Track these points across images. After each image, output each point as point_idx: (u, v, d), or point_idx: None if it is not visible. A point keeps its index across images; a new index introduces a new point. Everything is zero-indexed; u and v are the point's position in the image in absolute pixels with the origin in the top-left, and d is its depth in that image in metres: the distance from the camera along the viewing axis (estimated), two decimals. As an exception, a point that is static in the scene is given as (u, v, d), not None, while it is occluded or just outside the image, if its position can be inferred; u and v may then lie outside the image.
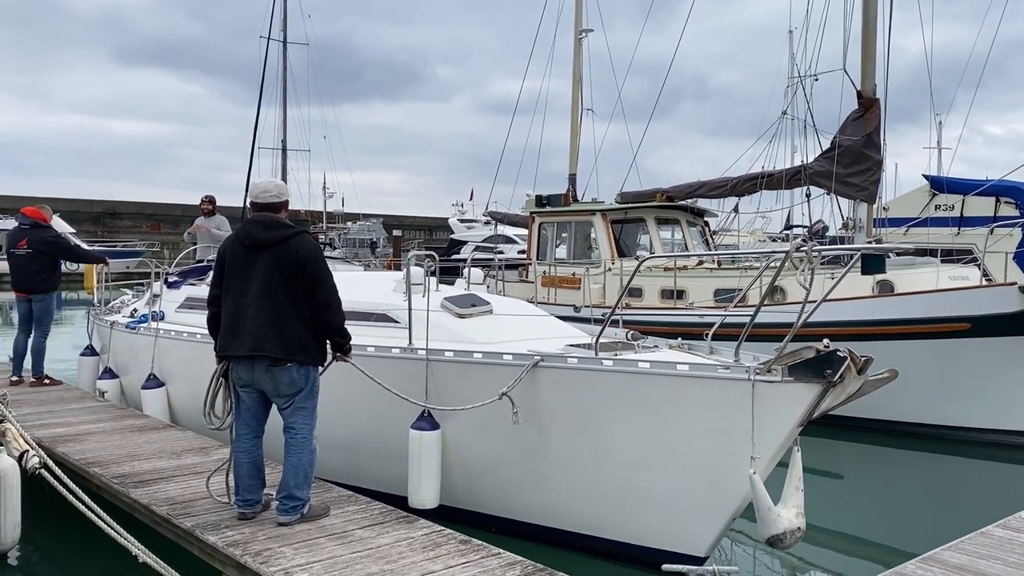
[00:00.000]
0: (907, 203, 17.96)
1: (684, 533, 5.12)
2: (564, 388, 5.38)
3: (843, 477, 8.93)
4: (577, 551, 5.56)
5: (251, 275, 4.76)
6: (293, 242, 4.77)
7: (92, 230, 48.41)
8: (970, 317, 9.12)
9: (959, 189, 16.51)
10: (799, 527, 4.57)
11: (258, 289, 4.73)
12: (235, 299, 4.80)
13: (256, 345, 4.69)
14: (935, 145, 31.63)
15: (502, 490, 5.84)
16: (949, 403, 9.56)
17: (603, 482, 5.35)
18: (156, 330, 8.35)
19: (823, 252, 9.61)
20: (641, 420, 5.12)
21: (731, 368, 4.77)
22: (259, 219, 4.89)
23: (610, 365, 5.20)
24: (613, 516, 5.37)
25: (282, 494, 4.86)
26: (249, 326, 4.72)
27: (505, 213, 21.96)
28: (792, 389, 4.55)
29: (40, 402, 8.42)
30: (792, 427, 4.64)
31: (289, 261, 4.72)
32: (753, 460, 4.59)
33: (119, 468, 5.95)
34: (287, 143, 41.81)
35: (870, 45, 12.06)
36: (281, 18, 40.66)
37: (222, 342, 4.85)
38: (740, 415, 4.65)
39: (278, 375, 4.75)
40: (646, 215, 14.45)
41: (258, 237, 4.79)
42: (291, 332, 4.72)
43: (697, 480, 4.98)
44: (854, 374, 4.48)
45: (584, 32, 17.71)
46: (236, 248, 4.86)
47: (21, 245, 9.20)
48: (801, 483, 4.66)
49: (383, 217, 55.54)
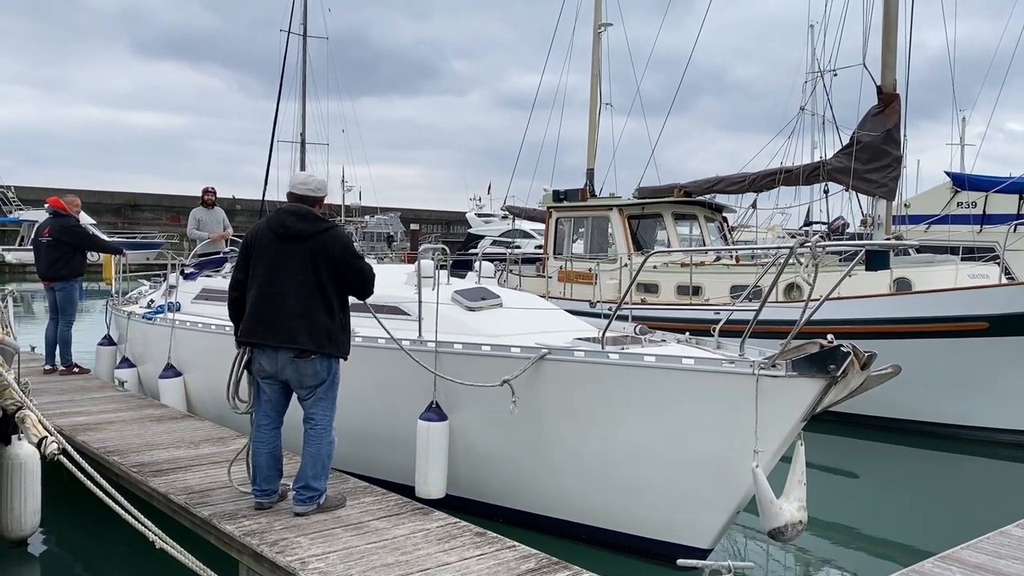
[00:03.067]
0: (929, 200, 17.79)
1: (689, 525, 5.16)
2: (571, 381, 5.43)
3: (859, 476, 8.88)
4: (583, 542, 5.60)
5: (282, 265, 4.76)
6: (328, 235, 4.79)
7: (113, 222, 48.85)
8: (988, 316, 9.03)
9: (981, 186, 16.32)
10: (801, 520, 4.60)
11: (290, 280, 4.73)
12: (262, 286, 4.79)
13: (288, 337, 4.71)
14: (958, 142, 31.21)
15: (509, 481, 5.91)
16: (966, 402, 9.48)
17: (609, 474, 5.40)
18: (173, 321, 8.44)
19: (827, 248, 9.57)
20: (647, 413, 5.17)
21: (736, 362, 4.81)
22: (294, 209, 4.88)
23: (616, 358, 5.25)
24: (619, 508, 5.43)
25: (299, 484, 4.88)
26: (280, 317, 4.72)
27: (523, 208, 21.92)
28: (796, 384, 4.57)
29: (61, 391, 8.51)
30: (796, 421, 4.66)
31: (324, 255, 4.74)
32: (756, 454, 4.63)
33: (138, 457, 6.01)
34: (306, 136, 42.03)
35: (891, 39, 11.95)
36: (302, 11, 40.89)
37: (246, 327, 4.84)
38: (744, 409, 4.69)
39: (303, 366, 4.76)
40: (663, 210, 14.40)
41: (292, 227, 4.79)
42: (321, 325, 4.75)
43: (702, 473, 5.02)
44: (857, 369, 4.50)
45: (603, 26, 17.64)
46: (267, 235, 4.84)
47: (45, 234, 9.39)
48: (804, 477, 4.68)
49: (401, 211, 55.62)
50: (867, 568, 6.10)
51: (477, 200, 51.85)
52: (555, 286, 14.63)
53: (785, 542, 4.71)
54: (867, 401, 9.49)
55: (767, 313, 4.92)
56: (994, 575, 4.04)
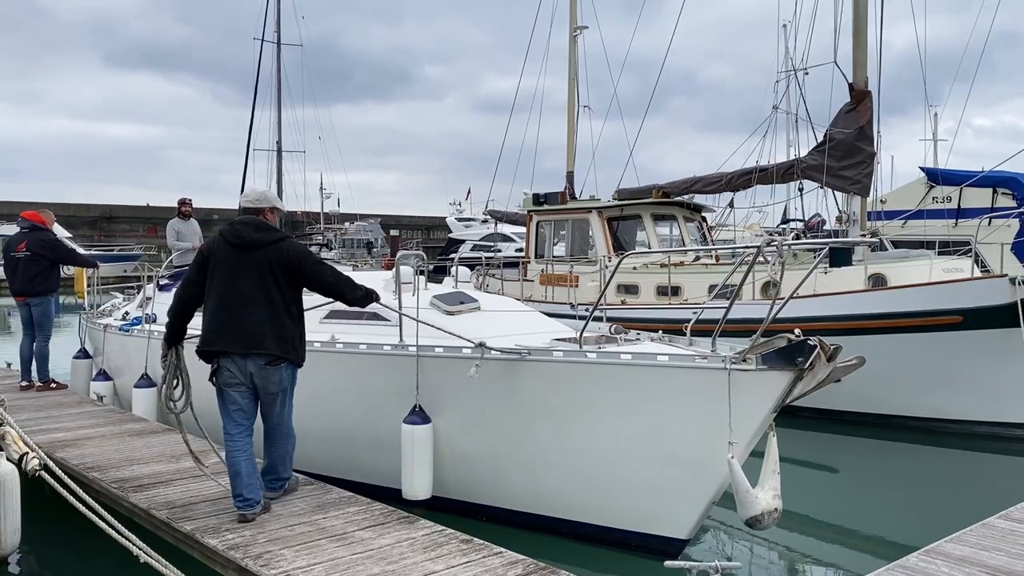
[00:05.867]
0: (904, 196, 17.99)
1: (667, 516, 5.28)
2: (549, 380, 5.56)
3: (839, 471, 8.95)
4: (565, 537, 5.69)
5: (241, 274, 4.87)
6: (283, 244, 4.98)
7: (89, 234, 48.32)
8: (962, 310, 9.11)
9: (955, 180, 16.53)
10: (776, 508, 4.74)
11: (250, 289, 4.85)
12: (222, 296, 4.88)
13: (253, 343, 4.83)
14: (930, 137, 31.61)
15: (492, 480, 6.00)
16: (943, 396, 9.56)
17: (588, 469, 5.51)
18: (149, 332, 8.39)
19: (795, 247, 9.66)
20: (623, 409, 5.30)
21: (708, 358, 4.99)
22: (249, 221, 5.04)
23: (593, 357, 5.40)
24: (598, 502, 5.53)
25: (270, 476, 5.25)
26: (244, 325, 4.83)
27: (505, 212, 21.95)
28: (766, 377, 4.75)
29: (38, 407, 8.40)
30: (767, 412, 4.83)
31: (281, 262, 4.90)
32: (731, 445, 4.77)
33: (118, 473, 5.95)
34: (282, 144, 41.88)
35: (861, 37, 12.08)
36: (275, 19, 40.78)
37: (208, 336, 4.91)
38: (717, 402, 4.84)
39: (271, 373, 4.91)
40: (643, 212, 14.46)
41: (248, 237, 4.94)
42: (286, 332, 4.93)
43: (678, 465, 5.15)
44: (824, 361, 4.68)
45: (579, 30, 17.72)
46: (224, 247, 4.96)
47: (20, 248, 9.21)
48: (777, 466, 4.83)
49: (381, 217, 55.50)
50: (851, 564, 6.15)
51: (457, 205, 51.80)
52: (537, 289, 14.65)
53: (761, 529, 4.86)
54: (844, 396, 9.63)
55: (743, 311, 5.04)
56: (979, 567, 4.07)
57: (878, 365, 9.38)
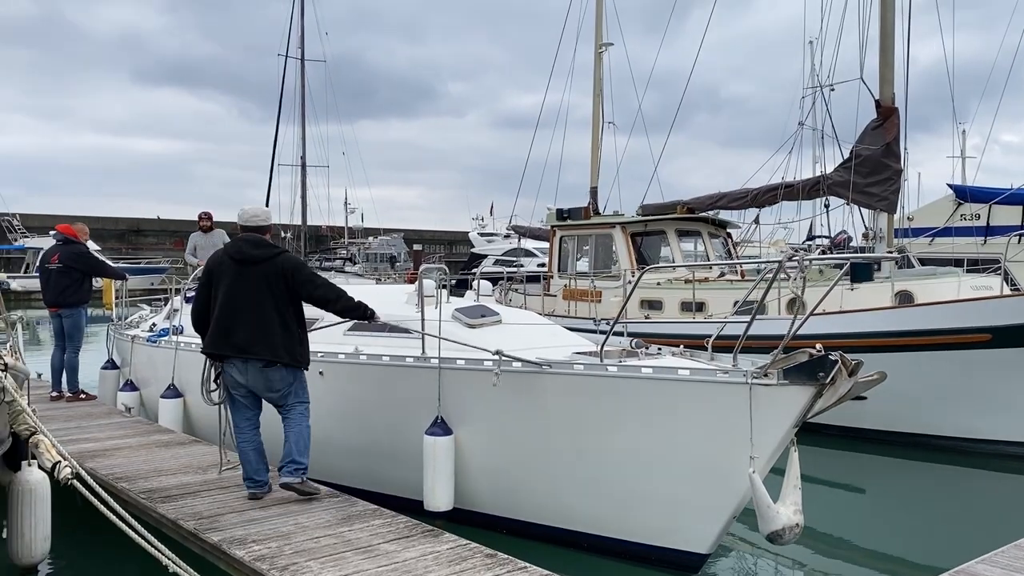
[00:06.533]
0: (932, 213, 17.82)
1: (688, 531, 5.26)
2: (570, 393, 5.57)
3: (865, 490, 8.84)
4: (585, 550, 5.68)
5: (240, 286, 5.45)
6: (278, 259, 5.52)
7: (117, 247, 49.00)
8: (991, 328, 9.00)
9: (983, 197, 16.38)
10: (797, 524, 4.73)
11: (246, 299, 5.42)
12: (223, 306, 5.47)
13: (246, 348, 5.41)
14: (958, 154, 31.26)
15: (512, 492, 6.01)
16: (971, 415, 9.43)
17: (609, 483, 5.51)
18: (176, 343, 8.50)
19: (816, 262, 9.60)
20: (644, 423, 5.30)
21: (729, 372, 4.97)
22: (249, 238, 5.66)
23: (614, 371, 5.41)
24: (619, 515, 5.52)
25: (287, 460, 5.52)
26: (240, 332, 5.41)
27: (528, 227, 21.99)
28: (787, 391, 4.74)
29: (68, 417, 8.52)
30: (788, 427, 4.81)
31: (275, 275, 5.45)
32: (752, 460, 4.77)
33: (146, 483, 6.02)
34: (306, 159, 42.21)
35: (888, 53, 12.03)
36: (299, 36, 41.21)
37: (211, 342, 5.57)
38: (739, 417, 4.83)
39: (270, 374, 5.48)
40: (667, 227, 14.44)
41: (248, 253, 5.53)
42: (277, 339, 5.43)
43: (698, 479, 5.14)
44: (845, 376, 4.67)
45: (604, 46, 17.77)
46: (226, 261, 5.57)
47: (53, 260, 9.39)
48: (799, 481, 4.81)
49: (403, 232, 55.76)
50: (879, 584, 6.08)
51: (480, 219, 51.93)
52: (559, 304, 14.66)
53: (782, 545, 4.85)
54: (871, 414, 9.54)
55: (768, 327, 5.03)
56: (1007, 589, 4.03)
57: (905, 383, 9.33)
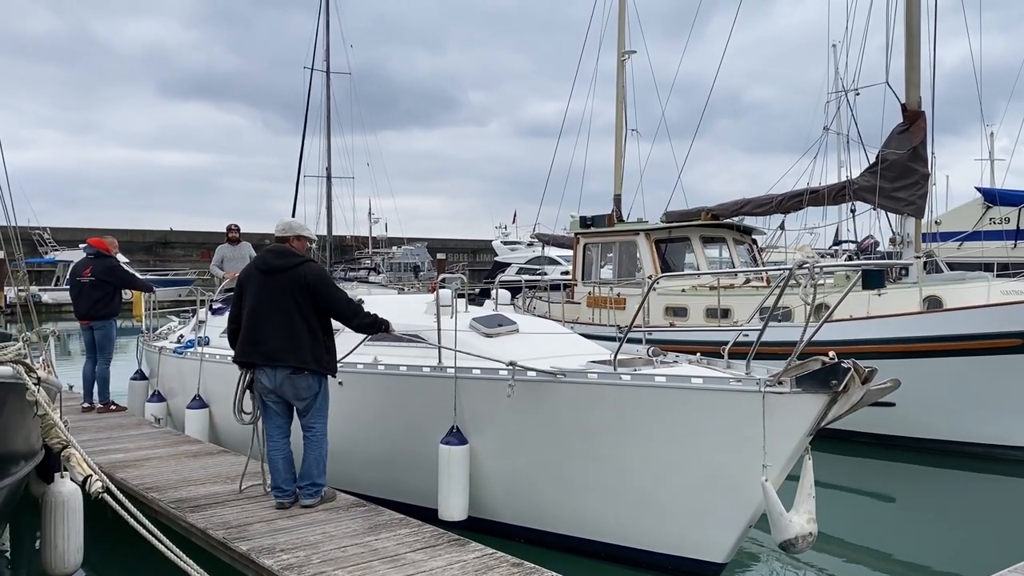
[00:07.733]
0: (960, 217, 17.62)
1: (704, 540, 5.26)
2: (584, 402, 5.58)
3: (895, 499, 8.73)
4: (601, 559, 5.68)
5: (266, 296, 5.60)
6: (301, 269, 5.64)
7: (145, 259, 49.63)
8: (1021, 332, 8.88)
9: (1013, 201, 16.16)
10: (811, 532, 4.69)
11: (272, 308, 5.56)
12: (252, 314, 5.64)
13: (273, 356, 5.53)
14: (986, 157, 30.85)
15: (528, 501, 6.02)
16: (1002, 422, 9.28)
17: (624, 492, 5.51)
18: (201, 354, 8.59)
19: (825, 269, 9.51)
20: (658, 431, 5.30)
21: (743, 380, 4.95)
22: (275, 248, 5.84)
23: (628, 380, 5.41)
24: (634, 524, 5.53)
25: (306, 482, 5.70)
26: (267, 340, 5.55)
27: (552, 235, 21.99)
28: (800, 399, 4.73)
29: (99, 428, 8.64)
30: (802, 435, 4.79)
31: (298, 284, 5.56)
32: (765, 468, 4.75)
33: (176, 493, 6.09)
34: (332, 171, 42.59)
35: (914, 56, 11.91)
36: (324, 48, 41.63)
37: (240, 350, 5.72)
38: (752, 425, 4.82)
39: (298, 380, 5.58)
40: (691, 234, 14.38)
41: (272, 264, 5.70)
42: (304, 345, 5.54)
43: (713, 488, 5.13)
44: (858, 384, 4.64)
45: (627, 54, 17.77)
46: (254, 273, 5.75)
47: (86, 274, 9.53)
48: (813, 490, 4.78)
49: (427, 241, 55.97)
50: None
51: (503, 228, 51.98)
52: (583, 311, 14.63)
53: (796, 553, 4.81)
54: (900, 421, 9.43)
55: (793, 334, 4.97)
56: (1041, 599, 3.96)
57: (934, 389, 9.21)
